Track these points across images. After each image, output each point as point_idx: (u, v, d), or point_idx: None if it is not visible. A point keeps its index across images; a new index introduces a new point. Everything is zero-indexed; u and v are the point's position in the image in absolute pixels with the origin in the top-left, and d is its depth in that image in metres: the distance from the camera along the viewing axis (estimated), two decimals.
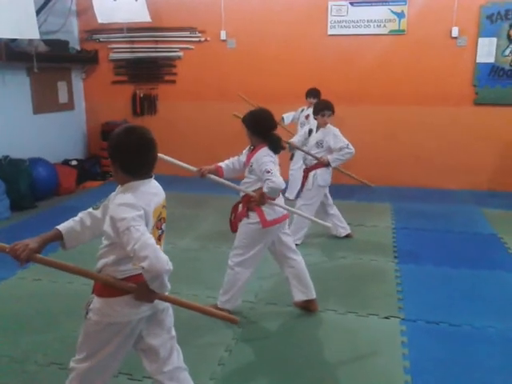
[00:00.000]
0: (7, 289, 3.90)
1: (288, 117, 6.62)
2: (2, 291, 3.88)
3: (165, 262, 1.83)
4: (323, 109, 4.75)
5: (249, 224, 3.31)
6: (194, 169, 3.28)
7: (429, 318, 3.46)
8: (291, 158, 6.36)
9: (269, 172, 3.12)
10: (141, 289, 1.93)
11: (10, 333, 3.28)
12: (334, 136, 4.72)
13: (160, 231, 2.07)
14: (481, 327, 3.34)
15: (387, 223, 5.66)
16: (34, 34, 5.57)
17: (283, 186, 3.20)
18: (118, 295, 1.99)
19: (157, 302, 2.06)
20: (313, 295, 3.54)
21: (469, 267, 4.39)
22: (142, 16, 7.04)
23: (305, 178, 4.89)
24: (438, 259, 4.57)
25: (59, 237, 2.08)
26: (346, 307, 3.63)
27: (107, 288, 2.00)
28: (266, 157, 3.21)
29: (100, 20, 6.27)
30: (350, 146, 4.66)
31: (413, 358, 2.98)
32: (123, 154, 1.99)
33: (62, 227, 2.08)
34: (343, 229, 5.13)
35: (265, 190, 3.15)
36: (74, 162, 7.44)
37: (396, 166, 7.34)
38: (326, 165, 4.73)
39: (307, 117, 6.36)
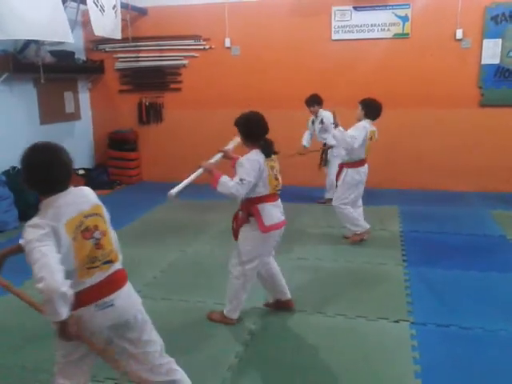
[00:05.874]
0: (16, 298, 3.89)
1: (306, 139, 6.54)
2: (11, 301, 3.88)
3: (60, 284, 1.69)
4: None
5: (251, 230, 3.25)
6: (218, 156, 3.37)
7: (439, 322, 3.44)
8: (325, 165, 6.36)
9: (242, 179, 3.04)
10: (57, 324, 1.81)
11: (21, 342, 3.29)
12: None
13: (92, 240, 1.96)
14: (492, 330, 3.32)
15: (395, 226, 5.63)
16: (68, 38, 5.44)
17: (234, 194, 3.07)
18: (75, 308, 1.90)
19: (119, 314, 2.01)
20: (288, 295, 3.59)
21: (478, 270, 4.36)
22: (116, 33, 7.01)
23: (339, 173, 5.06)
24: (447, 262, 4.54)
25: (20, 249, 2.04)
26: (356, 311, 3.62)
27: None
28: (247, 160, 3.13)
29: (96, 32, 6.38)
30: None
31: (423, 361, 2.96)
32: (26, 172, 1.99)
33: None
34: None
35: (223, 180, 3.06)
36: (82, 171, 7.48)
37: (403, 168, 7.33)
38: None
39: (313, 122, 6.44)
